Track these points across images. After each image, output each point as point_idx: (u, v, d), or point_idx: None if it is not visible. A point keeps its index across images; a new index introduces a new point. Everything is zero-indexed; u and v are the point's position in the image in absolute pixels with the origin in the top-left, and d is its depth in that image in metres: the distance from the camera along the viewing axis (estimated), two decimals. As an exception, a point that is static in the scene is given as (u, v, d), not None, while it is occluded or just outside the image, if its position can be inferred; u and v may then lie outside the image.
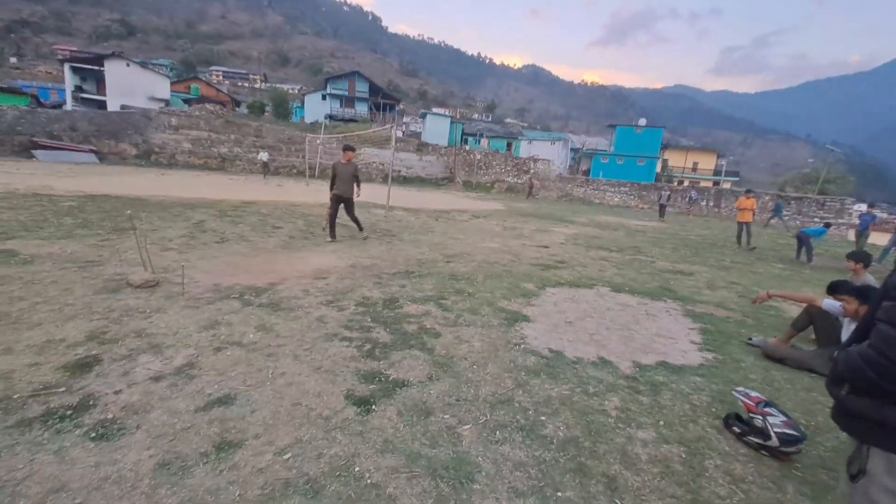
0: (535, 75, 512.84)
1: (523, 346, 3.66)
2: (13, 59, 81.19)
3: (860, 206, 15.46)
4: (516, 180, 32.99)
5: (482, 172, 33.98)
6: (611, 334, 4.17)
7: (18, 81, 51.17)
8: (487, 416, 2.60)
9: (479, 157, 34.99)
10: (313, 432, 2.31)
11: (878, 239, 14.57)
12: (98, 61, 40.04)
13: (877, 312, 1.21)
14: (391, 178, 14.06)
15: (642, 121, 47.56)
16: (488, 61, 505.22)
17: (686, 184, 37.09)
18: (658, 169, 42.94)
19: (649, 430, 2.60)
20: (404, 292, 4.92)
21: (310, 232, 8.40)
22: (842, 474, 1.31)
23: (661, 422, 2.69)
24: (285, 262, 5.90)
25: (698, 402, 2.96)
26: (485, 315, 4.36)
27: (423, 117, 54.09)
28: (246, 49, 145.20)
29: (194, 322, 3.60)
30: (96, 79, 40.41)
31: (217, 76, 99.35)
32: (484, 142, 47.90)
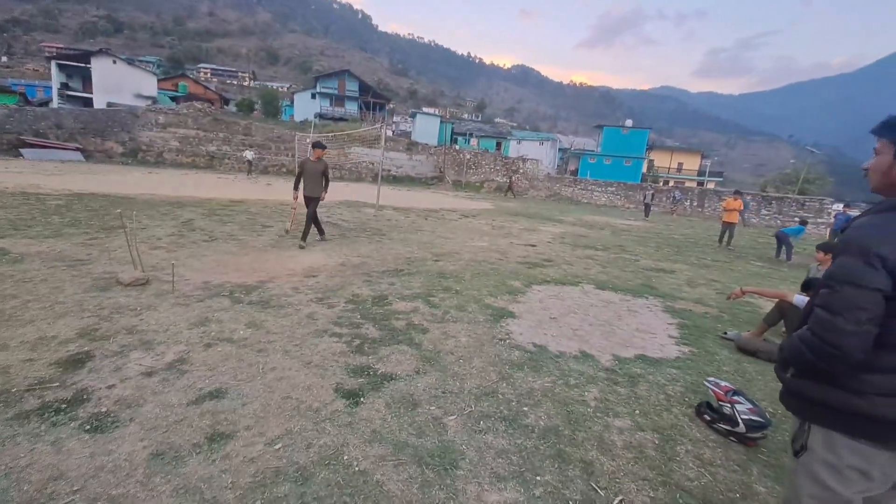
0: (524, 75, 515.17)
1: (508, 341, 3.78)
2: (4, 59, 79.24)
3: (838, 206, 15.93)
4: (505, 180, 33.21)
5: (472, 172, 34.12)
6: (593, 329, 4.31)
7: (9, 80, 49.99)
8: (472, 408, 2.70)
9: (468, 156, 35.13)
10: (303, 424, 2.40)
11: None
12: (85, 58, 39.34)
13: (815, 299, 1.34)
14: (381, 178, 14.11)
15: (629, 122, 48.16)
16: (478, 61, 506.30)
17: (671, 184, 37.65)
18: (644, 169, 43.52)
19: (625, 418, 2.73)
20: (393, 290, 5.01)
21: (299, 231, 8.43)
22: (788, 451, 1.43)
23: (637, 411, 2.82)
24: (275, 261, 5.95)
25: (673, 393, 3.11)
26: (471, 311, 4.47)
27: (412, 117, 54.11)
28: (235, 47, 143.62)
29: (185, 319, 3.65)
30: (83, 76, 39.74)
31: (205, 74, 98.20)
32: (473, 141, 48.09)
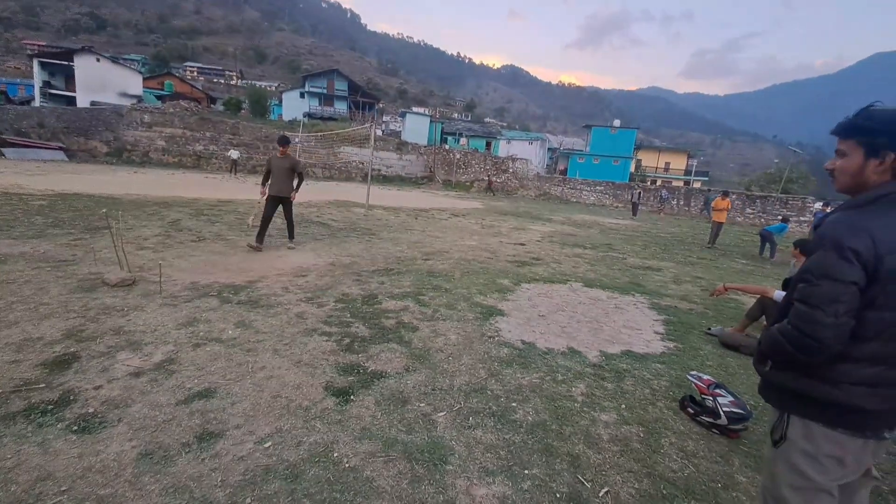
0: (513, 76, 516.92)
1: (497, 339, 3.82)
2: (-15, 57, 77.08)
3: (819, 205, 16.30)
4: (496, 179, 33.33)
5: (461, 171, 34.20)
6: (581, 326, 4.37)
7: (-10, 78, 48.75)
8: (461, 404, 2.74)
9: (458, 156, 35.22)
10: (293, 422, 2.41)
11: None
12: (67, 56, 38.51)
13: (793, 294, 1.39)
14: (371, 177, 14.09)
15: (617, 122, 48.65)
16: (468, 61, 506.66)
17: (658, 183, 38.13)
18: (632, 169, 43.99)
19: (612, 412, 2.78)
20: (383, 289, 5.02)
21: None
22: (767, 441, 1.48)
23: (623, 405, 2.88)
24: (264, 261, 5.92)
25: (658, 387, 3.17)
26: (461, 310, 4.50)
27: (402, 116, 54.00)
28: (221, 45, 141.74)
29: (172, 319, 3.63)
30: (65, 74, 38.89)
31: (191, 72, 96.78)
32: (463, 141, 48.14)
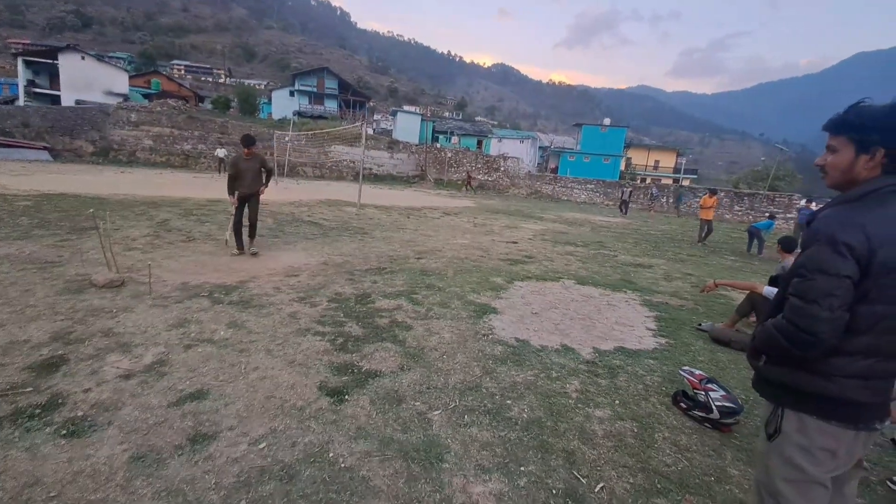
0: (504, 74, 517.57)
1: (491, 337, 3.83)
2: (-31, 56, 75.15)
3: (804, 202, 16.56)
4: (487, 178, 33.37)
5: (453, 170, 34.17)
6: (574, 324, 4.39)
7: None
8: (456, 402, 2.74)
9: (449, 154, 35.18)
10: (287, 422, 2.39)
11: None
12: (52, 54, 37.69)
13: (787, 289, 1.41)
14: (362, 176, 14.03)
15: (606, 120, 48.99)
16: (458, 60, 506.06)
17: (648, 181, 38.45)
18: (622, 167, 44.31)
19: (606, 408, 2.80)
20: (376, 288, 5.00)
21: (280, 230, 8.33)
22: (760, 435, 1.50)
23: (617, 401, 2.90)
24: (255, 260, 5.87)
25: (651, 383, 3.20)
26: (454, 308, 4.50)
27: (393, 115, 53.83)
28: (209, 43, 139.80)
29: (163, 321, 3.58)
30: (50, 73, 38.07)
31: (179, 70, 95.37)
32: (454, 139, 48.12)
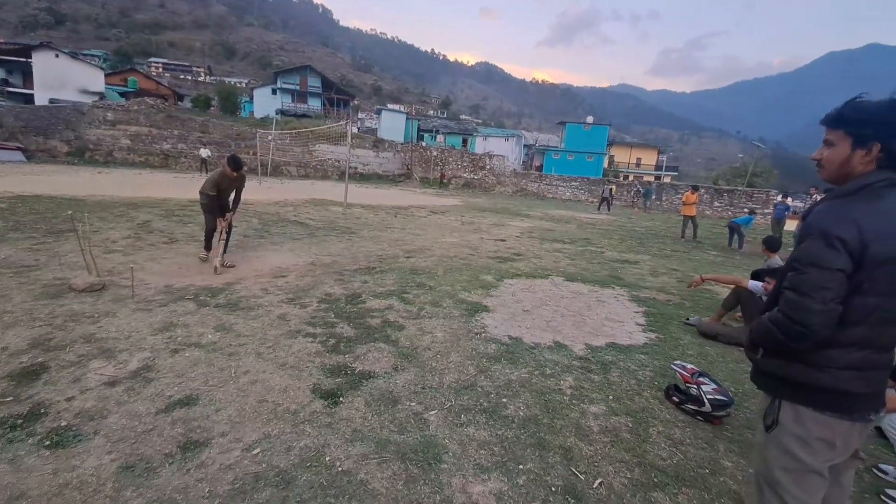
0: (488, 73, 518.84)
1: (484, 335, 3.82)
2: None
3: (780, 197, 17.01)
4: (473, 176, 33.41)
5: (439, 169, 34.12)
6: (565, 320, 4.42)
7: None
8: (452, 402, 2.72)
9: (435, 153, 35.11)
10: (281, 427, 2.34)
11: (792, 226, 15.99)
12: (25, 52, 36.32)
13: (782, 283, 1.43)
14: (348, 175, 13.89)
15: (590, 118, 49.47)
16: (442, 58, 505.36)
17: (631, 178, 39.01)
18: (605, 164, 44.86)
19: (600, 404, 2.82)
20: (366, 288, 4.95)
21: (265, 231, 8.20)
22: (758, 426, 1.52)
23: (611, 396, 2.93)
24: (241, 262, 5.76)
25: (643, 377, 3.24)
26: (446, 307, 4.48)
27: (378, 113, 53.47)
28: (188, 40, 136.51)
29: (147, 325, 3.48)
30: (23, 71, 36.67)
31: (157, 68, 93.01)
32: (440, 138, 48.06)
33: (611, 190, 23.21)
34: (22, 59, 35.93)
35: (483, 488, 2.02)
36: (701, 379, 2.72)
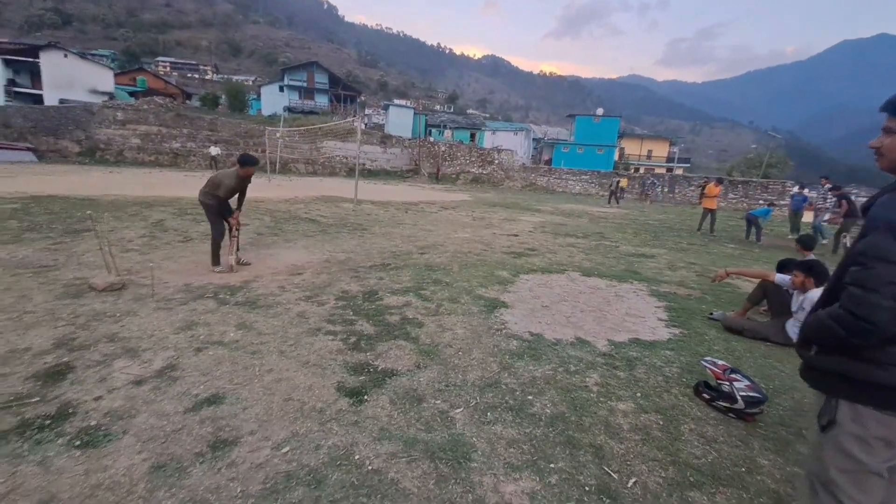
0: (494, 66, 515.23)
1: (505, 331, 3.78)
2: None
3: (797, 188, 16.68)
4: (481, 171, 33.26)
5: (447, 164, 34.01)
6: (585, 316, 4.36)
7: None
8: (477, 399, 2.69)
9: (443, 148, 34.97)
10: (309, 425, 2.33)
11: (810, 217, 15.66)
12: (32, 52, 36.76)
13: (844, 278, 1.36)
14: (358, 172, 13.87)
15: (600, 110, 48.91)
16: (448, 52, 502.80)
17: (642, 171, 38.55)
18: (616, 157, 44.38)
19: (628, 401, 2.77)
20: (382, 284, 4.93)
21: (278, 228, 8.21)
22: (812, 427, 1.46)
23: (639, 393, 2.87)
24: (256, 260, 5.76)
25: (670, 374, 3.18)
26: (464, 303, 4.45)
27: (385, 109, 53.42)
28: (194, 39, 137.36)
29: (169, 323, 3.49)
30: (31, 71, 37.12)
31: (164, 67, 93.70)
32: (447, 133, 47.88)
33: (618, 182, 22.92)
34: (30, 59, 36.32)
35: (515, 487, 1.98)
36: (733, 375, 2.65)
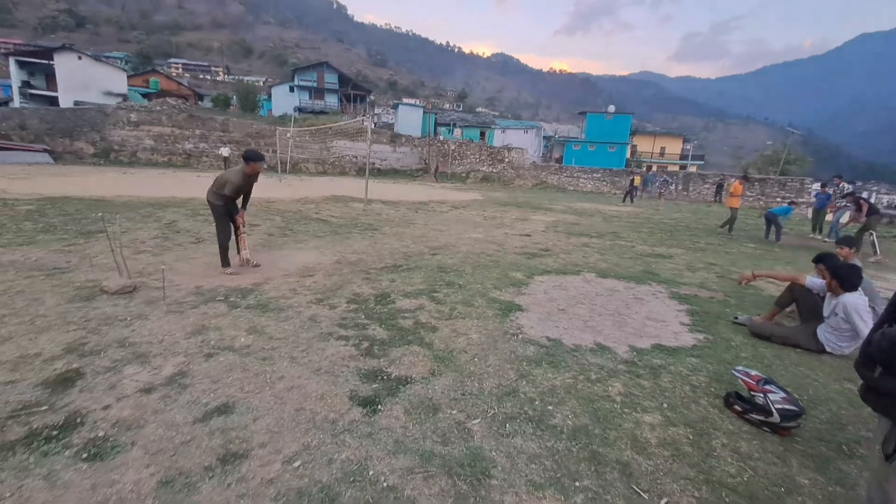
0: (504, 64, 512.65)
1: (521, 336, 3.66)
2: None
3: (817, 186, 16.20)
4: (491, 169, 33.06)
5: (457, 162, 33.86)
6: (603, 320, 4.22)
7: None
8: (495, 409, 2.58)
9: (453, 147, 34.82)
10: (321, 437, 2.23)
11: (830, 216, 15.22)
12: (47, 54, 37.48)
13: None
14: (368, 171, 13.82)
15: (611, 108, 48.33)
16: (457, 50, 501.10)
17: (654, 169, 38.00)
18: (628, 154, 43.81)
19: (655, 413, 2.63)
20: (395, 287, 4.84)
21: (289, 229, 8.18)
22: (873, 453, 1.33)
23: (665, 404, 2.73)
24: (268, 261, 5.71)
25: (697, 383, 3.03)
26: (478, 307, 4.33)
27: (395, 108, 53.41)
28: (206, 40, 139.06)
29: (180, 328, 3.43)
30: (46, 73, 37.92)
31: (176, 69, 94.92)
32: (457, 131, 47.68)
33: (632, 181, 22.56)
34: (44, 61, 36.99)
35: (539, 508, 1.87)
36: (768, 387, 2.50)
